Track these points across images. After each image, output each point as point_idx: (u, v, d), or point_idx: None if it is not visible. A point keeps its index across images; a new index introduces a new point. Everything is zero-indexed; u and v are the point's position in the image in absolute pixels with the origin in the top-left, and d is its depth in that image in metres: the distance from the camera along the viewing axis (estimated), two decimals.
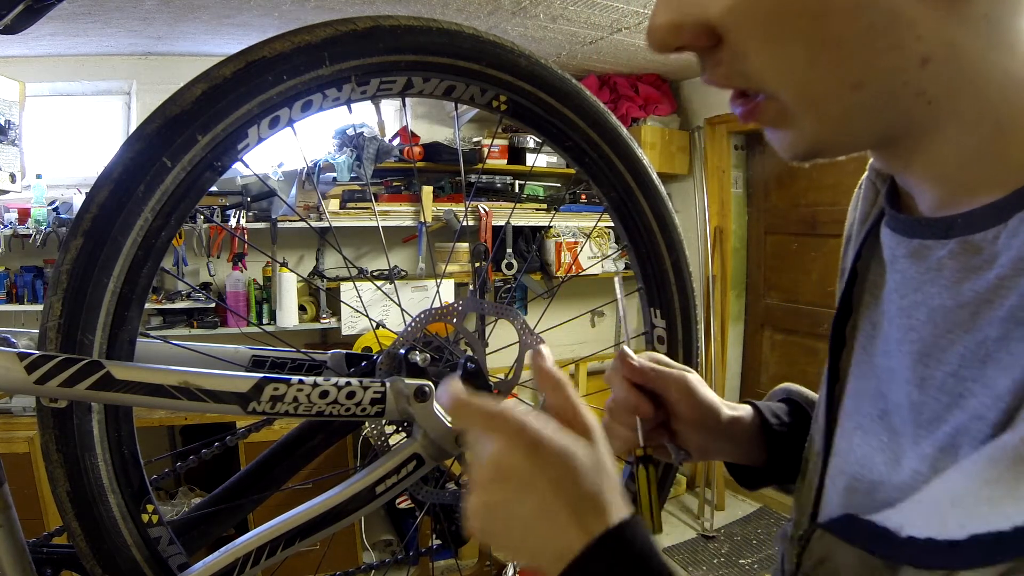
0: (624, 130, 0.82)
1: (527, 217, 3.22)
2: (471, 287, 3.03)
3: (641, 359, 0.57)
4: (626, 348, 0.57)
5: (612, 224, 0.87)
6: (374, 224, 2.86)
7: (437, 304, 0.75)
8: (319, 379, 0.63)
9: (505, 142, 3.17)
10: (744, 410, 0.62)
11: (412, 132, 3.04)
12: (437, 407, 0.68)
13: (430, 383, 0.68)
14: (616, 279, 0.63)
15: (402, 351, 0.72)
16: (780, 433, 0.61)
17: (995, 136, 0.34)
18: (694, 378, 0.58)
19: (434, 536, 0.90)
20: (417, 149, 2.96)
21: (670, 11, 0.36)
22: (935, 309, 0.37)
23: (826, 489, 0.45)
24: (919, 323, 0.38)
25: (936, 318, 0.37)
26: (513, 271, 3.10)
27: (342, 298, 2.85)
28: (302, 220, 2.77)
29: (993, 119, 0.34)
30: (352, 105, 0.69)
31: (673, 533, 3.14)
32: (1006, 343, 0.32)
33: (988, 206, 0.34)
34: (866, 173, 0.49)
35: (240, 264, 2.69)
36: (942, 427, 0.34)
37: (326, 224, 2.83)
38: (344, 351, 0.83)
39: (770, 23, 0.33)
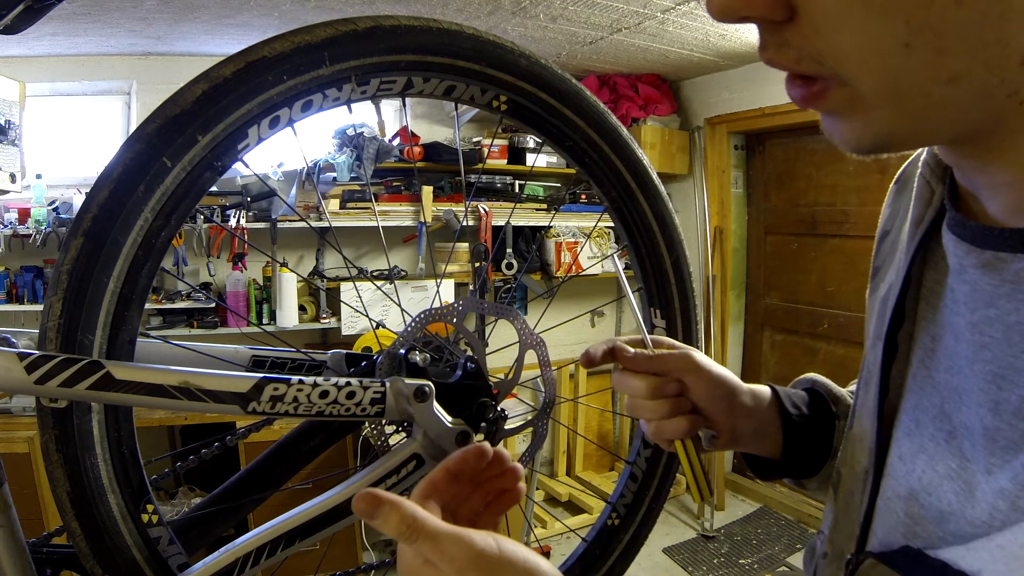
0: (624, 130, 0.81)
1: (527, 217, 3.22)
2: (471, 287, 3.03)
3: (638, 351, 0.59)
4: (620, 344, 0.59)
5: (612, 224, 0.87)
6: (374, 224, 2.86)
7: (437, 304, 0.75)
8: (319, 379, 0.63)
9: (505, 142, 3.17)
10: (762, 389, 0.61)
11: (412, 132, 3.04)
12: (437, 407, 0.68)
13: (430, 383, 0.68)
14: (614, 257, 0.66)
15: (402, 351, 0.72)
16: (798, 424, 0.60)
17: None
18: (700, 356, 0.58)
19: None
20: (417, 149, 2.96)
21: None
22: (1012, 326, 0.34)
23: (878, 512, 0.42)
24: (993, 340, 0.35)
25: (1013, 336, 0.34)
26: (513, 271, 3.10)
27: (342, 298, 2.85)
28: (302, 220, 2.77)
29: None
30: (352, 105, 0.69)
31: (673, 533, 3.14)
32: None
33: None
34: (918, 170, 0.46)
35: (240, 264, 2.69)
36: (1020, 456, 0.32)
37: (326, 224, 2.83)
38: (344, 351, 0.82)
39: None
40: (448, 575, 0.39)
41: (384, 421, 0.69)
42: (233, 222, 2.59)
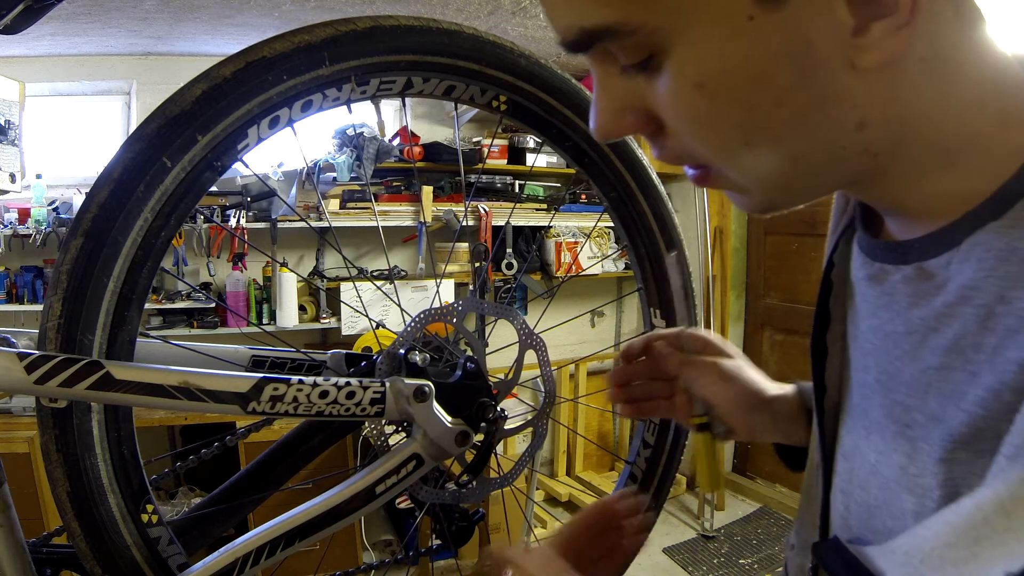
0: None
1: (527, 217, 3.22)
2: (471, 287, 3.03)
3: (672, 347, 0.62)
4: (660, 342, 0.62)
5: (612, 224, 0.87)
6: (374, 224, 2.86)
7: (437, 304, 0.75)
8: (319, 379, 0.63)
9: (505, 142, 3.17)
10: (788, 389, 0.63)
11: (412, 132, 3.04)
12: (437, 407, 0.68)
13: (430, 383, 0.68)
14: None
15: (402, 351, 0.72)
16: None
17: (944, 163, 0.33)
18: (729, 364, 0.60)
19: (434, 536, 0.90)
20: (417, 149, 2.96)
21: (610, 100, 0.36)
22: (888, 335, 0.37)
23: (831, 506, 0.45)
24: (874, 348, 0.39)
25: (888, 344, 0.37)
26: (513, 271, 3.10)
27: (342, 298, 2.85)
28: (302, 220, 2.77)
29: (941, 148, 0.33)
30: (352, 105, 0.69)
31: (673, 533, 3.14)
32: (947, 373, 0.32)
33: (942, 230, 0.34)
34: None
35: (240, 264, 2.69)
36: (892, 456, 0.35)
37: (326, 224, 2.83)
38: (344, 351, 0.83)
39: (702, 116, 0.33)
40: None
41: (384, 421, 0.69)
42: (233, 222, 2.59)
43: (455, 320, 0.75)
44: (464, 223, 3.03)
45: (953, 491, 0.31)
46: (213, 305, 2.74)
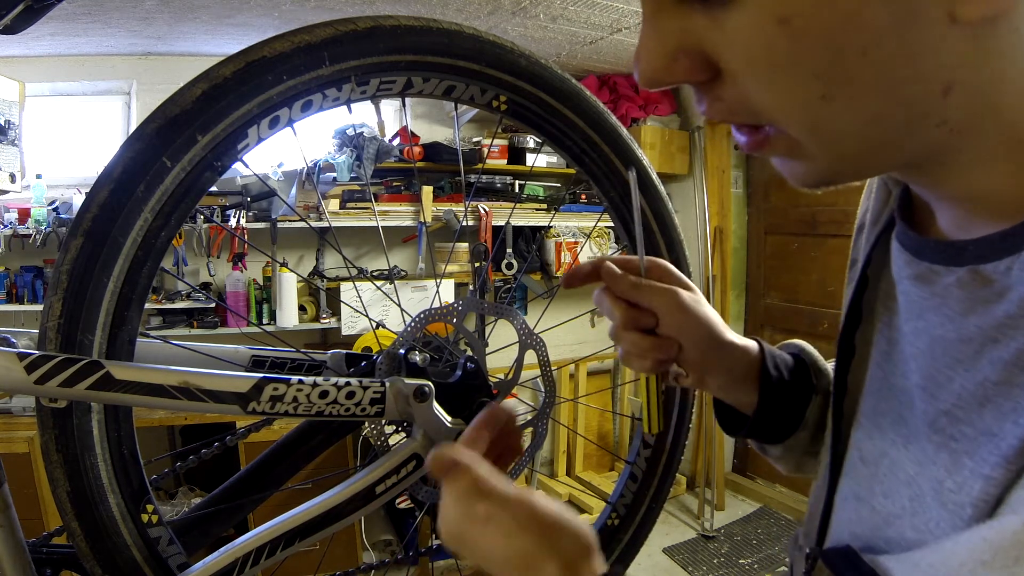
0: (624, 130, 0.81)
1: (527, 217, 3.22)
2: (471, 287, 3.03)
3: (624, 273, 0.54)
4: (609, 263, 0.55)
5: (612, 224, 0.87)
6: (374, 224, 2.86)
7: (437, 304, 0.75)
8: (319, 379, 0.63)
9: (505, 142, 3.17)
10: (748, 343, 0.57)
11: (412, 132, 3.04)
12: (437, 407, 0.68)
13: (430, 383, 0.68)
14: (632, 176, 0.57)
15: (402, 351, 0.72)
16: (775, 384, 0.56)
17: (1015, 153, 0.31)
18: (686, 297, 0.52)
19: (434, 536, 0.90)
20: (417, 149, 2.96)
21: (662, 41, 0.32)
22: (936, 340, 0.35)
23: (835, 509, 0.43)
24: (919, 352, 0.36)
25: (936, 350, 0.34)
26: (513, 271, 3.10)
27: (342, 298, 2.85)
28: (302, 220, 2.77)
29: (1016, 137, 0.31)
30: (352, 105, 0.69)
31: (673, 533, 3.14)
32: (1008, 389, 0.29)
33: (1002, 233, 0.31)
34: None
35: (240, 264, 2.69)
36: (930, 468, 0.33)
37: (326, 224, 2.82)
38: (344, 351, 0.82)
39: (779, 59, 0.29)
40: (508, 532, 0.40)
41: (384, 421, 0.69)
42: (233, 222, 2.59)
43: (455, 320, 0.75)
44: (464, 223, 3.03)
45: (986, 511, 0.29)
46: (213, 305, 2.74)
